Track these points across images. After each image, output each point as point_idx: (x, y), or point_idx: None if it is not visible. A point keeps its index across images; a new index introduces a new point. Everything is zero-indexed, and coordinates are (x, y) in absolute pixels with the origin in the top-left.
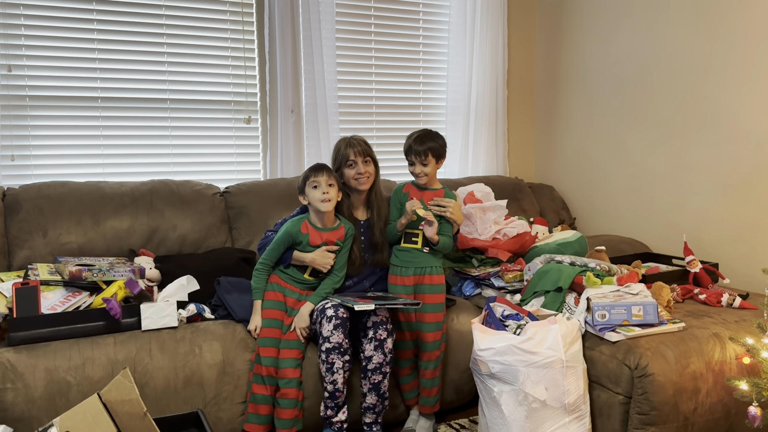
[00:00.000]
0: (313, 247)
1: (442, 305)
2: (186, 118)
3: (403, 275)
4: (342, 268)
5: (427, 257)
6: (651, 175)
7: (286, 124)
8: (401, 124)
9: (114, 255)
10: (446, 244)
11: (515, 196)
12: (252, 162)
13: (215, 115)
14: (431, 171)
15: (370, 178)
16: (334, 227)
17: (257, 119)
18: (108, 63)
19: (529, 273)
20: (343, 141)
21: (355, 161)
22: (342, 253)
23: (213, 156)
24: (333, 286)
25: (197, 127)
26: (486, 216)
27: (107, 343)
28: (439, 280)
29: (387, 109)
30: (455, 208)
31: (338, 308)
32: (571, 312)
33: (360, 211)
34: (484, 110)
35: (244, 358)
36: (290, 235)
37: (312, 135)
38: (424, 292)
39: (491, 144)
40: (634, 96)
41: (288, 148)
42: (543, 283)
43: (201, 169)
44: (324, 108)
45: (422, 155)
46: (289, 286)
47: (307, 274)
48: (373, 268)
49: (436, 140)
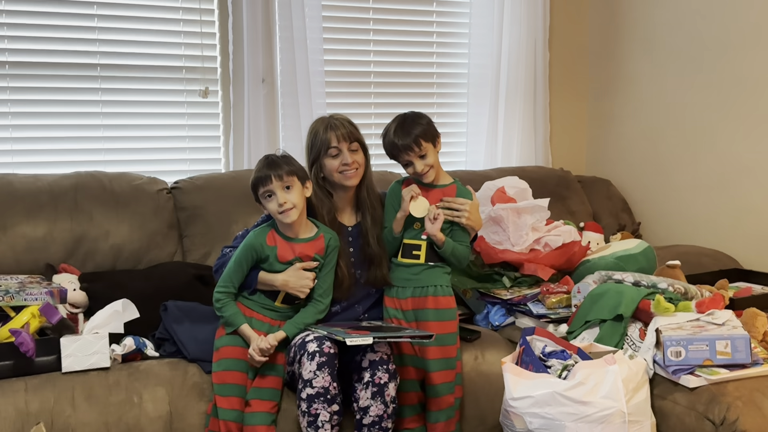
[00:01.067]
0: (284, 264)
1: (452, 336)
2: (122, 91)
3: (399, 296)
4: (326, 293)
5: (431, 273)
6: (741, 168)
7: (255, 98)
8: (407, 98)
9: (26, 272)
10: (460, 253)
11: (560, 193)
12: (210, 148)
13: (161, 87)
14: (434, 160)
15: (359, 170)
16: (310, 237)
17: (217, 91)
18: (15, 17)
19: (578, 296)
20: (321, 122)
21: (338, 149)
22: (325, 272)
23: (158, 140)
24: (316, 317)
25: (137, 102)
26: (521, 220)
27: (16, 389)
28: (447, 302)
29: (389, 78)
30: (472, 210)
31: (324, 342)
32: (635, 348)
33: (347, 215)
34: (519, 80)
35: (198, 410)
36: (253, 250)
37: (290, 112)
38: (428, 318)
39: (528, 125)
40: (722, 63)
41: (257, 129)
42: (597, 310)
43: (142, 157)
44: (305, 77)
45: (413, 146)
46: (256, 314)
47: (279, 300)
48: (367, 289)
49: (418, 122)
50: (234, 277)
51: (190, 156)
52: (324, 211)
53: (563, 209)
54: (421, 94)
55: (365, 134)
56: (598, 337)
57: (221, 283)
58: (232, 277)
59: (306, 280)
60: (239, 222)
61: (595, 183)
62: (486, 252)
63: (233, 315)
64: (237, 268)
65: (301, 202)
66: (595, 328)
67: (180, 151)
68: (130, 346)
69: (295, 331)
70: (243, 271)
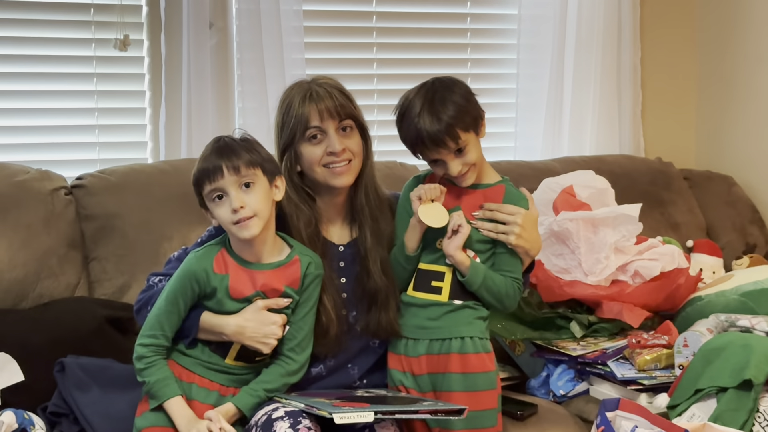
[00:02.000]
0: (238, 302)
1: (490, 415)
2: (3, 40)
3: (409, 353)
4: (302, 345)
5: (457, 317)
6: None
7: (199, 53)
8: (424, 51)
9: None
10: (500, 289)
11: (657, 196)
12: (130, 127)
13: (57, 35)
14: (477, 155)
15: (353, 162)
16: (279, 262)
17: (141, 41)
18: None
19: (685, 352)
20: (298, 89)
21: (321, 129)
22: (301, 314)
23: (53, 115)
24: (285, 380)
25: (22, 57)
26: (599, 237)
27: None
28: (480, 363)
29: (397, 22)
30: (526, 224)
31: (300, 420)
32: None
33: (337, 228)
34: (594, 31)
35: None
36: (193, 280)
37: (251, 73)
38: (451, 388)
39: (609, 97)
40: None
41: (202, 99)
42: (714, 374)
43: (28, 140)
44: (273, 20)
45: (446, 139)
46: (197, 377)
47: (231, 357)
48: (367, 340)
49: (451, 93)
50: (165, 322)
51: (101, 138)
52: (301, 223)
53: (662, 220)
54: (448, 46)
55: (365, 106)
56: (716, 413)
57: (146, 331)
58: (162, 321)
59: (272, 326)
60: (174, 238)
61: (709, 181)
62: (545, 285)
63: (160, 382)
64: (170, 307)
65: (267, 208)
66: (710, 401)
67: (85, 130)
68: (9, 425)
69: (252, 403)
70: (179, 311)
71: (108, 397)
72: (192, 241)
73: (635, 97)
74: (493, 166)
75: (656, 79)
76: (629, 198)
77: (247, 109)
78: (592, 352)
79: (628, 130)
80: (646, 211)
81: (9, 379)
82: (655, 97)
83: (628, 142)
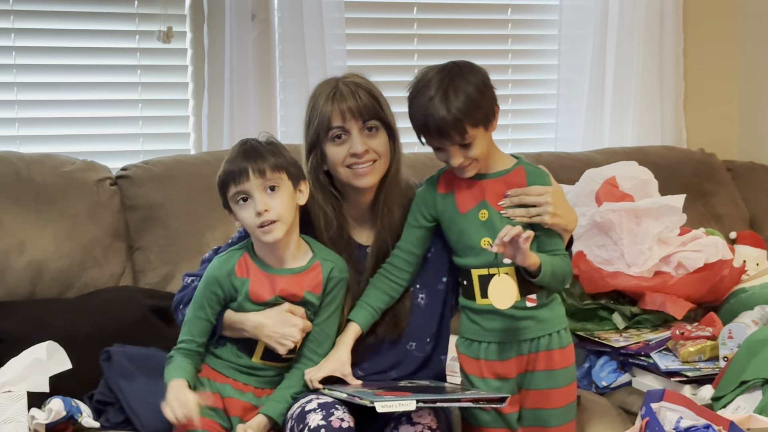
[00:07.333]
0: (258, 305)
1: (570, 409)
2: (44, 32)
3: (491, 358)
4: (326, 346)
5: (539, 314)
6: None
7: (242, 44)
8: (465, 42)
9: None
10: (560, 269)
11: (700, 187)
12: (174, 119)
13: (101, 26)
14: (481, 152)
15: (378, 162)
16: (301, 267)
17: (184, 33)
18: None
19: (730, 344)
20: (325, 87)
21: (345, 129)
22: (324, 317)
23: (97, 107)
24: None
25: (66, 49)
26: (641, 227)
27: None
28: (564, 358)
29: (439, 13)
30: (556, 200)
31: (333, 410)
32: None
33: (365, 229)
34: (636, 21)
35: None
36: (216, 286)
37: (293, 64)
38: (540, 385)
39: (651, 88)
40: None
41: (244, 90)
42: (759, 365)
43: (74, 131)
44: (316, 12)
45: (451, 132)
46: (231, 380)
47: (257, 355)
48: (404, 346)
49: (466, 83)
50: (194, 328)
51: (144, 130)
52: (324, 224)
53: (705, 212)
54: (489, 38)
55: (405, 99)
56: (761, 405)
57: (181, 336)
58: (191, 327)
59: (292, 328)
60: (217, 228)
61: (752, 172)
62: (588, 276)
63: (170, 369)
64: (197, 312)
65: (291, 212)
66: (755, 392)
67: (129, 122)
68: (58, 411)
69: (281, 410)
70: (207, 316)
71: (153, 386)
72: (234, 231)
73: (677, 88)
74: (534, 158)
75: (698, 69)
76: (671, 190)
77: (288, 101)
78: (635, 344)
79: (670, 120)
80: (689, 202)
81: (58, 367)
82: (698, 88)
83: (670, 133)
